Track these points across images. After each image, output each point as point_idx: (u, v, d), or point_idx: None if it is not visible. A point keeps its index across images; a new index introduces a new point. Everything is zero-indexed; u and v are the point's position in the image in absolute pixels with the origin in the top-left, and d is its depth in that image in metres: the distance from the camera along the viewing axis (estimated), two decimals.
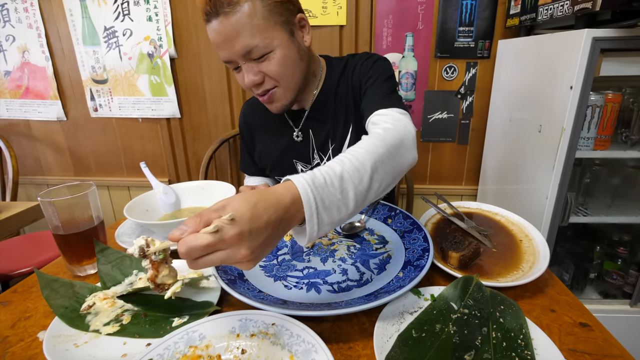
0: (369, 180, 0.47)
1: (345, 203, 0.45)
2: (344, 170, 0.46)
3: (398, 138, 0.55)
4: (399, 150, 0.54)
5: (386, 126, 0.58)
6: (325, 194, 0.43)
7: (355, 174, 0.46)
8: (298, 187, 0.42)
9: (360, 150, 0.50)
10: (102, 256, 0.63)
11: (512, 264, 0.60)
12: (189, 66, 1.54)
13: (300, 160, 0.90)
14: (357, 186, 0.46)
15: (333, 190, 0.44)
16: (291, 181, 0.43)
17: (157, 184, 0.85)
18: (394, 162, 0.52)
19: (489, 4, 1.36)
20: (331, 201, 0.44)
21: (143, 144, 1.69)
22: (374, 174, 0.48)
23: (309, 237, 0.44)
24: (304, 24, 0.74)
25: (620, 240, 1.27)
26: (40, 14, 1.52)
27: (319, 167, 0.46)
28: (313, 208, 0.42)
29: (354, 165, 0.47)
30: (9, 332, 0.51)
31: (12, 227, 1.06)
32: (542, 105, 1.13)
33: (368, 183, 0.47)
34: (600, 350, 0.44)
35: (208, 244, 0.36)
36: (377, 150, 0.50)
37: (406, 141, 0.56)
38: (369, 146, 0.51)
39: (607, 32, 0.92)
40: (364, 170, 0.47)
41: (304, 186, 0.42)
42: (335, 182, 0.45)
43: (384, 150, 0.51)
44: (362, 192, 0.47)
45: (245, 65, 0.68)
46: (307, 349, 0.42)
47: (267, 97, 0.74)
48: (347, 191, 0.45)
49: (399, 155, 0.54)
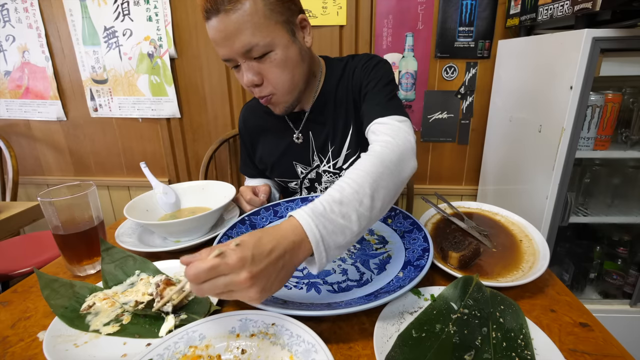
0: (369, 201, 0.48)
1: (349, 227, 0.46)
2: (343, 196, 0.47)
3: (397, 152, 0.56)
4: (398, 165, 0.55)
5: (385, 139, 0.59)
6: (327, 221, 0.45)
7: (355, 197, 0.48)
8: (299, 219, 0.44)
9: (359, 172, 0.51)
10: (106, 255, 0.63)
11: (512, 264, 0.60)
12: (189, 66, 1.54)
13: (300, 162, 0.89)
14: (358, 208, 0.47)
15: (334, 216, 0.46)
16: (292, 216, 0.45)
17: (157, 184, 0.85)
18: (394, 177, 0.53)
19: (489, 4, 1.36)
20: (334, 227, 0.45)
21: (143, 144, 1.69)
22: (374, 194, 0.49)
23: (318, 264, 0.45)
24: (305, 24, 0.73)
25: (620, 240, 1.27)
26: (40, 14, 1.52)
27: (318, 198, 0.48)
28: (318, 236, 0.44)
29: (352, 188, 0.48)
30: (9, 332, 0.51)
31: (12, 227, 1.06)
32: (542, 105, 1.13)
33: (369, 203, 0.48)
34: (600, 350, 0.44)
35: (212, 265, 0.37)
36: (375, 170, 0.51)
37: (406, 153, 0.57)
38: (367, 167, 0.52)
39: (607, 32, 0.92)
40: (363, 193, 0.48)
41: (304, 218, 0.44)
42: (335, 208, 0.46)
43: (382, 169, 0.52)
44: (365, 213, 0.48)
45: (244, 64, 0.68)
46: (307, 349, 0.42)
47: (265, 101, 0.74)
48: (348, 215, 0.46)
49: (399, 169, 0.55)
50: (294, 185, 0.94)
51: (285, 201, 0.82)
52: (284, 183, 0.95)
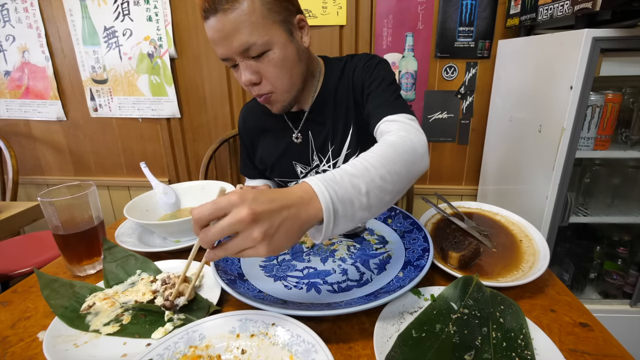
0: (381, 180, 0.47)
1: (358, 197, 0.45)
2: (355, 169, 0.47)
3: (411, 145, 0.55)
4: (413, 155, 0.54)
5: (399, 134, 0.58)
6: (337, 187, 0.44)
7: (366, 173, 0.47)
8: (310, 182, 0.44)
9: (372, 154, 0.50)
10: (108, 254, 0.63)
11: (512, 264, 0.60)
12: (189, 66, 1.54)
13: (299, 161, 0.89)
14: (369, 183, 0.46)
15: (344, 184, 0.44)
16: (304, 181, 0.45)
17: (157, 184, 0.85)
18: (408, 166, 0.52)
19: (489, 4, 1.36)
20: (344, 193, 0.44)
21: (143, 144, 1.69)
22: (386, 176, 0.48)
23: (325, 229, 0.43)
24: (303, 24, 0.74)
25: (620, 240, 1.27)
26: (40, 14, 1.52)
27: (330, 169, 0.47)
28: (328, 198, 0.42)
29: (364, 165, 0.47)
30: (9, 332, 0.51)
31: (12, 227, 1.06)
32: (542, 105, 1.13)
33: (381, 183, 0.47)
34: (600, 350, 0.44)
35: (214, 201, 0.39)
36: (389, 154, 0.51)
37: (419, 148, 0.56)
38: (382, 150, 0.51)
39: (607, 32, 0.92)
40: (375, 171, 0.47)
41: (315, 181, 0.44)
42: (345, 178, 0.45)
43: (396, 156, 0.51)
44: (375, 191, 0.47)
45: (243, 63, 0.68)
46: (307, 349, 0.42)
47: (264, 99, 0.74)
48: (359, 186, 0.45)
49: (412, 161, 0.54)
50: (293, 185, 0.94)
51: None
52: (284, 183, 0.95)
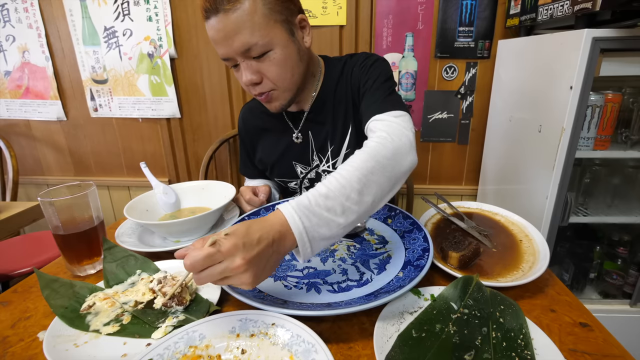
0: (357, 195, 0.50)
1: (334, 219, 0.48)
2: (329, 190, 0.49)
3: (391, 147, 0.56)
4: (392, 159, 0.55)
5: (380, 135, 0.59)
6: (311, 214, 0.47)
7: (342, 191, 0.49)
8: (283, 212, 0.47)
9: (348, 167, 0.52)
10: (108, 254, 0.63)
11: (512, 264, 0.60)
12: (189, 66, 1.54)
13: (299, 161, 0.89)
14: (345, 202, 0.49)
15: (318, 209, 0.47)
16: (278, 209, 0.48)
17: (157, 184, 0.85)
18: (387, 172, 0.54)
19: (489, 4, 1.36)
20: (319, 219, 0.47)
21: (143, 144, 1.69)
22: (363, 189, 0.50)
23: (302, 254, 0.48)
24: (304, 24, 0.74)
25: (620, 240, 1.27)
26: (40, 14, 1.52)
27: (306, 192, 0.50)
28: (301, 228, 0.46)
29: (340, 183, 0.49)
30: (9, 332, 0.51)
31: (12, 227, 1.06)
32: (542, 105, 1.13)
33: (357, 198, 0.50)
34: (600, 350, 0.44)
35: (207, 254, 0.40)
36: (365, 165, 0.52)
37: (401, 147, 0.57)
38: (357, 162, 0.52)
39: (607, 32, 0.92)
40: (351, 187, 0.49)
41: (289, 210, 0.47)
42: (320, 201, 0.48)
43: (373, 164, 0.52)
44: (352, 207, 0.49)
45: (243, 63, 0.68)
46: (307, 349, 0.42)
47: (265, 97, 0.74)
48: (334, 208, 0.48)
49: (393, 164, 0.55)
50: (293, 185, 0.94)
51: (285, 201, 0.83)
52: (284, 183, 0.95)
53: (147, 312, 0.52)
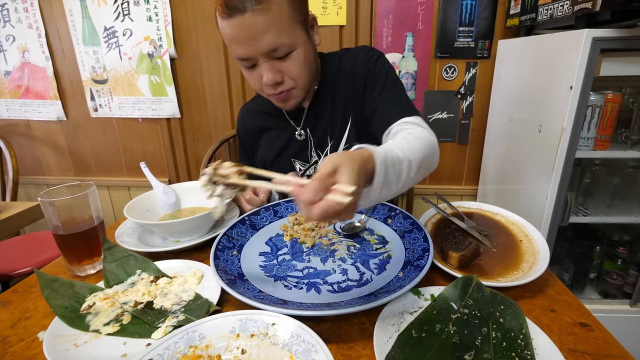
0: (414, 174, 0.54)
1: (392, 188, 0.51)
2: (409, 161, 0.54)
3: (431, 143, 0.62)
4: (432, 153, 0.61)
5: (423, 130, 0.66)
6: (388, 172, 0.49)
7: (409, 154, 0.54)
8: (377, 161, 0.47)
9: (413, 139, 0.59)
10: (108, 254, 0.63)
11: (512, 264, 0.60)
12: (189, 66, 1.54)
13: (298, 158, 0.90)
14: (412, 160, 0.54)
15: (393, 173, 0.50)
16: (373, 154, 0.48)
17: (157, 184, 0.85)
18: (429, 160, 0.60)
19: (489, 4, 1.36)
20: (386, 182, 0.49)
21: (143, 144, 1.69)
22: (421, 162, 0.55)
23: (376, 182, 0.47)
24: (313, 23, 0.75)
25: (620, 240, 1.27)
26: (40, 14, 1.52)
27: (396, 145, 0.54)
28: (381, 180, 0.48)
29: (409, 147, 0.55)
30: (9, 332, 0.51)
31: (12, 227, 1.06)
32: (542, 105, 1.13)
33: (413, 177, 0.55)
34: (600, 350, 0.44)
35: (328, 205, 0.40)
36: (422, 145, 0.58)
37: (435, 148, 0.63)
38: (417, 139, 0.59)
39: (607, 32, 0.92)
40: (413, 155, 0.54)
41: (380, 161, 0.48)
42: (397, 167, 0.51)
43: (428, 145, 0.60)
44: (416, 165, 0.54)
45: (266, 64, 0.67)
46: (307, 349, 0.42)
47: (284, 96, 0.74)
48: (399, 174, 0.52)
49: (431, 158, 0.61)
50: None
51: (285, 201, 0.82)
52: None
53: (147, 312, 0.52)
